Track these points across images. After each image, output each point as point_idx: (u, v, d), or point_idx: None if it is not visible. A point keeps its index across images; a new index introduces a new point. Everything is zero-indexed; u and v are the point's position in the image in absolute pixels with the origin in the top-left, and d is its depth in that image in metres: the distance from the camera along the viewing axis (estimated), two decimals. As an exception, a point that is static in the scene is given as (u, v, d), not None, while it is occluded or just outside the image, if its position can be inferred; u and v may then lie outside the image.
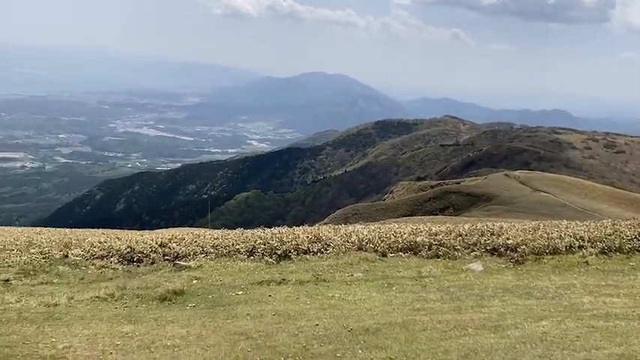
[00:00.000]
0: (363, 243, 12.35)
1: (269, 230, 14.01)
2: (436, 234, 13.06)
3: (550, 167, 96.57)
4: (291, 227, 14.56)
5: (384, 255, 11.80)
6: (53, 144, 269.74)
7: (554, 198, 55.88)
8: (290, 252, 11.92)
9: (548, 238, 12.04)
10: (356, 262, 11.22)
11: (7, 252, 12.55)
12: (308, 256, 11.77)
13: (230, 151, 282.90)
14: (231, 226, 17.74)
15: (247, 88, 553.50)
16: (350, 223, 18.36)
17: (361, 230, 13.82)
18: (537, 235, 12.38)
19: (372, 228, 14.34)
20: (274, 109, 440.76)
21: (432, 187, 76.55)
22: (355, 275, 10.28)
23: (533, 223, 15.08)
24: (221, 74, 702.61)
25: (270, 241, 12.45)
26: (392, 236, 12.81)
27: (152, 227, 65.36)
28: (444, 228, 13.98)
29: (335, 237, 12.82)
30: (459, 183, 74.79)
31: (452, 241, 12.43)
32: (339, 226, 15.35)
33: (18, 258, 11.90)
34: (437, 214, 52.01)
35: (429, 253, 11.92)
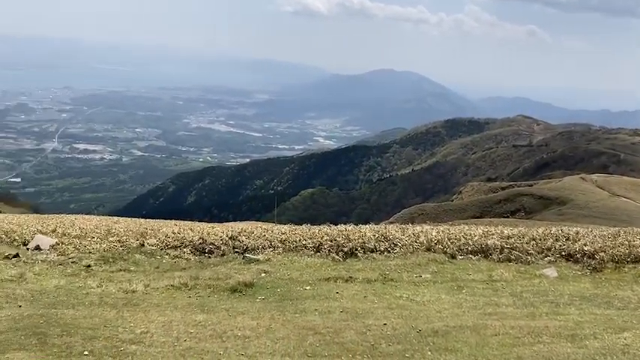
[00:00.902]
0: (432, 244, 12.16)
1: (335, 227, 14.05)
2: (508, 237, 12.69)
3: (630, 171, 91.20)
4: (356, 225, 14.55)
5: (453, 257, 11.58)
6: (130, 137, 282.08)
7: (635, 204, 52.85)
8: (356, 250, 11.91)
9: (629, 246, 11.40)
10: (424, 262, 11.07)
11: (89, 239, 13.25)
12: (375, 255, 11.72)
13: (297, 147, 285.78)
14: (296, 222, 17.92)
15: (315, 86, 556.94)
16: (416, 223, 18.10)
17: (430, 231, 13.62)
18: (617, 242, 11.75)
19: (441, 229, 14.11)
20: (341, 106, 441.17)
21: (502, 188, 74.24)
22: (423, 276, 10.14)
23: (612, 229, 14.36)
24: (290, 71, 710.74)
25: (337, 238, 12.49)
26: (462, 238, 12.56)
27: (220, 220, 67.05)
28: (517, 231, 13.57)
29: (402, 237, 12.69)
30: (531, 185, 72.15)
31: (525, 245, 12.03)
32: (407, 225, 15.19)
33: (98, 245, 12.55)
34: (507, 217, 50.42)
35: (500, 256, 11.59)
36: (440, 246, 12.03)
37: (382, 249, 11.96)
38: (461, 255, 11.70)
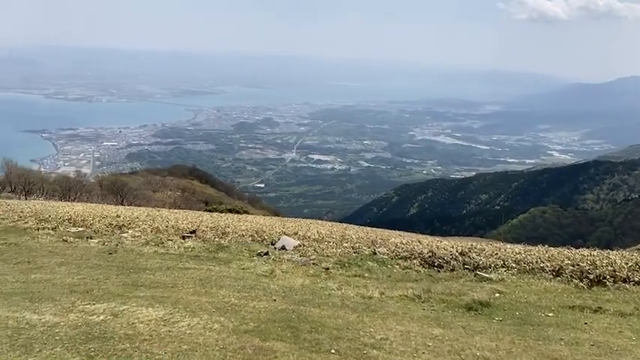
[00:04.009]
0: (703, 279, 10.39)
1: (577, 251, 12.90)
2: None
3: None
4: (600, 250, 13.16)
5: None
6: (358, 149, 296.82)
7: None
8: (605, 278, 10.74)
9: None
10: (693, 300, 9.48)
11: (325, 243, 14.23)
12: (627, 286, 10.43)
13: (528, 161, 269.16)
14: (524, 241, 16.88)
15: (552, 96, 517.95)
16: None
17: (699, 263, 11.64)
18: None
19: None
20: (581, 117, 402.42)
21: None
22: (693, 317, 8.68)
23: None
24: (525, 81, 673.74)
25: (580, 263, 11.44)
26: None
27: (442, 233, 66.29)
28: None
29: (663, 267, 11.09)
30: None
31: None
32: (667, 254, 13.24)
33: (334, 250, 13.40)
34: None
35: None
36: None
37: (637, 280, 10.60)
38: None
